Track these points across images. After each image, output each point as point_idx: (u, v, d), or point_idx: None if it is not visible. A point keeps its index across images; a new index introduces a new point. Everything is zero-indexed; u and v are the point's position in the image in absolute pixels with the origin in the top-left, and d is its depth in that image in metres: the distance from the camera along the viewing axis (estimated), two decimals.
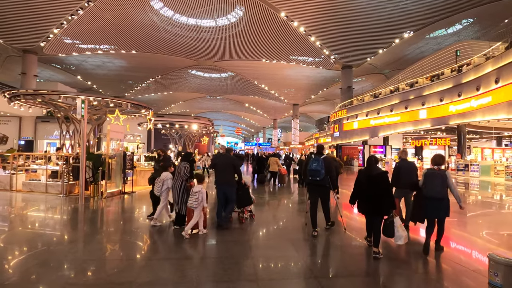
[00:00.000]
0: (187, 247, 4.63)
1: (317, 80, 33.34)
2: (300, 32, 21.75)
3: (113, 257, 4.38)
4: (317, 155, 5.26)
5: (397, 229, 4.24)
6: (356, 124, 22.40)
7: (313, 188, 5.24)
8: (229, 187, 5.59)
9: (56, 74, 32.54)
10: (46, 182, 8.66)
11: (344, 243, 5.02)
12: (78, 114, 4.96)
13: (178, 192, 5.42)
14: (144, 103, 9.07)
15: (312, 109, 50.35)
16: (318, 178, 5.01)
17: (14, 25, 19.96)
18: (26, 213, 6.81)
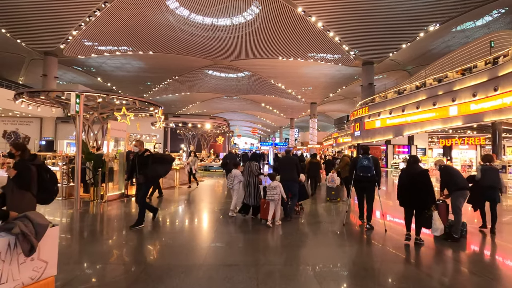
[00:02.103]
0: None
1: (335, 78, 32.30)
2: (318, 28, 20.96)
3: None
4: (365, 154, 5.89)
5: (434, 221, 4.83)
6: (378, 122, 21.27)
7: (362, 185, 5.85)
8: (293, 183, 6.38)
9: (78, 77, 33.40)
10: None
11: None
12: (72, 110, 4.59)
13: (251, 187, 6.36)
14: (153, 101, 8.70)
15: (330, 108, 49.12)
16: (369, 174, 5.66)
17: (35, 28, 20.44)
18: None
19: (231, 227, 5.92)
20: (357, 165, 5.76)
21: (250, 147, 53.10)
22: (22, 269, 2.21)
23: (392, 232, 5.73)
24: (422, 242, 4.82)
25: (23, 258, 2.19)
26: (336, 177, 8.77)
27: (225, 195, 9.73)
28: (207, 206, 8.03)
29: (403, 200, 4.96)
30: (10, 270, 2.12)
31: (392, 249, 4.71)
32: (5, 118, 24.19)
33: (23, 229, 2.13)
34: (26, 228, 2.17)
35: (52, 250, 2.43)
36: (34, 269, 2.29)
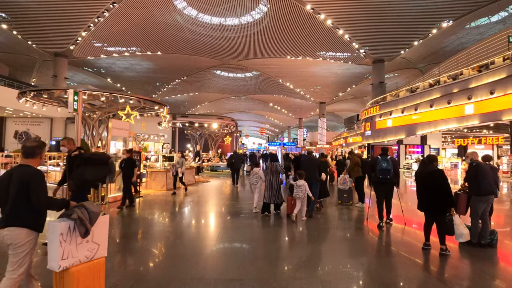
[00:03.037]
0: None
1: (345, 77, 31.73)
2: (327, 26, 20.54)
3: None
4: (384, 156, 5.99)
5: (457, 226, 4.38)
6: (390, 121, 20.71)
7: (381, 186, 6.01)
8: (315, 182, 6.83)
9: (88, 78, 33.77)
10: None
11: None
12: (69, 108, 4.42)
13: (273, 185, 6.74)
14: (158, 100, 8.53)
15: (340, 107, 48.43)
16: (388, 176, 5.82)
17: (45, 29, 20.66)
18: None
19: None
20: (376, 167, 5.90)
21: (258, 147, 52.74)
22: (79, 249, 2.67)
23: (412, 238, 5.45)
24: (448, 253, 4.30)
25: (80, 240, 2.66)
26: (348, 179, 8.30)
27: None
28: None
29: (420, 204, 4.60)
30: (70, 249, 2.59)
31: (410, 257, 4.37)
32: (17, 119, 24.57)
33: (80, 215, 2.61)
34: (82, 214, 2.63)
35: (103, 235, 2.88)
36: (89, 249, 2.75)
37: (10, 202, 2.48)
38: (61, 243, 2.52)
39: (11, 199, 2.49)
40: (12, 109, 20.08)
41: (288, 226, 6.13)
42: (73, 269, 2.59)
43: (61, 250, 2.51)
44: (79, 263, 2.66)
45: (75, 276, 2.59)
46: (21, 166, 2.66)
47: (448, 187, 4.36)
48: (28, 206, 2.48)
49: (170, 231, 5.80)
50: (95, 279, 2.77)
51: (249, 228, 6.00)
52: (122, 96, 7.15)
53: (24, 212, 2.48)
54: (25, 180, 2.49)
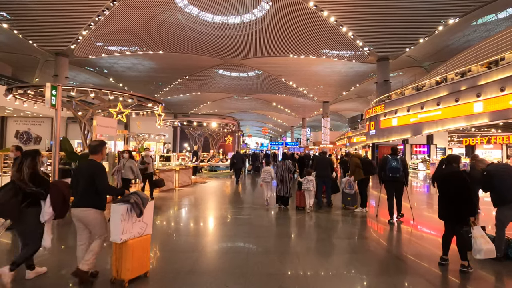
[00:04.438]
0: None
1: (349, 76, 31.27)
2: (331, 23, 20.13)
3: None
4: (393, 155, 6.23)
5: (475, 240, 3.73)
6: (395, 120, 20.20)
7: (392, 184, 6.28)
8: (328, 179, 7.77)
9: (91, 77, 33.68)
10: None
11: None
12: (47, 103, 4.10)
13: (284, 181, 7.50)
14: (151, 97, 8.19)
15: (343, 107, 47.91)
16: (397, 174, 6.08)
17: (46, 28, 20.50)
18: None
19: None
20: (386, 166, 6.17)
21: (261, 147, 52.34)
22: (134, 226, 3.35)
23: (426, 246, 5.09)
24: (470, 270, 3.75)
25: (135, 219, 3.35)
26: (353, 182, 7.77)
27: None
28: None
29: (439, 212, 4.10)
30: (127, 226, 3.27)
31: (423, 274, 3.90)
32: (17, 118, 24.49)
33: (136, 200, 3.28)
34: (137, 199, 3.31)
35: (149, 217, 3.57)
36: (140, 227, 3.44)
37: (81, 188, 3.26)
38: (122, 221, 3.23)
39: (81, 186, 3.26)
40: (12, 109, 19.95)
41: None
42: (130, 241, 3.31)
43: (121, 226, 3.23)
44: (133, 237, 3.36)
45: (130, 248, 3.29)
46: (88, 160, 3.43)
47: (469, 192, 3.84)
48: (94, 191, 3.24)
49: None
50: (144, 251, 3.49)
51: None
52: (113, 93, 6.83)
53: (91, 195, 3.25)
54: (91, 171, 3.25)
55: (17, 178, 3.23)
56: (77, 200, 3.28)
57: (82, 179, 3.26)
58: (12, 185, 3.21)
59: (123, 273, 3.27)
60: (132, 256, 3.28)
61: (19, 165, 3.28)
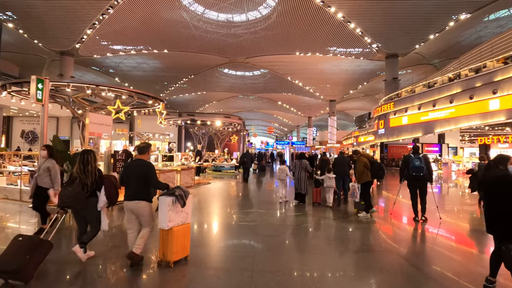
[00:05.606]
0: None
1: (356, 74, 30.67)
2: (338, 19, 19.64)
3: None
4: (416, 154, 6.25)
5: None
6: (405, 119, 19.61)
7: (415, 183, 6.28)
8: (346, 176, 8.32)
9: (97, 77, 33.73)
10: (21, 188, 7.27)
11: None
12: (32, 98, 3.80)
13: (301, 179, 8.05)
14: (152, 94, 7.86)
15: (350, 105, 47.22)
16: (421, 173, 6.11)
17: (51, 28, 20.41)
18: None
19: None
20: (409, 165, 6.17)
21: (267, 146, 51.99)
22: (178, 216, 3.88)
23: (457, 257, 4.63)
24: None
25: (179, 209, 3.88)
26: (358, 190, 7.27)
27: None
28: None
29: (486, 224, 3.36)
30: (172, 215, 3.80)
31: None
32: (23, 118, 24.56)
33: (179, 193, 3.83)
34: (180, 192, 3.85)
35: (189, 208, 4.09)
36: (182, 216, 3.96)
37: (133, 184, 3.74)
38: (168, 211, 3.73)
39: (133, 181, 3.74)
40: (17, 109, 19.94)
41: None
42: (174, 228, 3.82)
43: (168, 215, 3.72)
44: (177, 225, 3.87)
45: (175, 234, 3.80)
46: (137, 159, 3.91)
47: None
48: (145, 186, 3.78)
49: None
50: (185, 238, 4.00)
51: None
52: (111, 89, 6.52)
53: (142, 190, 3.76)
54: (144, 169, 3.76)
55: (82, 173, 3.82)
56: (130, 194, 3.77)
57: (134, 175, 3.75)
58: (78, 180, 3.81)
59: (169, 255, 3.82)
60: (177, 241, 3.82)
61: (85, 163, 3.86)
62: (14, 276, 3.22)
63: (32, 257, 3.27)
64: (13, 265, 3.17)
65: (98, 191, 3.89)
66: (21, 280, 3.23)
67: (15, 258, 3.23)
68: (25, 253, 3.27)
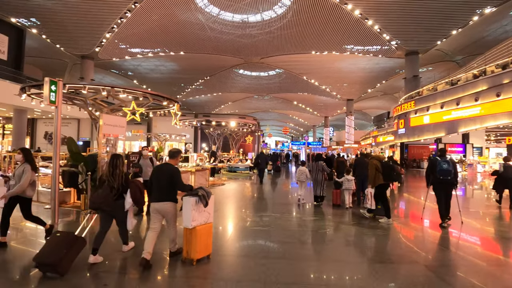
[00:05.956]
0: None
1: (374, 72, 29.90)
2: (355, 16, 19.17)
3: None
4: (443, 157, 6.19)
5: None
6: (427, 118, 18.87)
7: (442, 186, 6.21)
8: (366, 178, 7.76)
9: (116, 80, 34.63)
10: (38, 189, 7.31)
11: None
12: (45, 100, 3.84)
13: (319, 181, 8.10)
14: (166, 95, 7.86)
15: (368, 104, 46.14)
16: (449, 177, 6.02)
17: (72, 32, 21.12)
18: None
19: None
20: (436, 168, 6.07)
21: (282, 146, 51.63)
22: (201, 215, 4.07)
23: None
24: None
25: (202, 209, 4.08)
26: (371, 195, 6.74)
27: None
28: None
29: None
30: (196, 215, 4.00)
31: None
32: (46, 120, 25.55)
33: (202, 193, 4.04)
34: (203, 193, 4.07)
35: (211, 208, 4.27)
36: (205, 216, 4.15)
37: (161, 186, 4.00)
38: (192, 211, 3.93)
39: (161, 184, 4.01)
40: (41, 111, 20.74)
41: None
42: (198, 227, 4.00)
43: (192, 215, 3.93)
44: (200, 224, 4.04)
45: (198, 233, 3.97)
46: (167, 164, 4.22)
47: None
48: (171, 188, 4.05)
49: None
50: (207, 236, 4.17)
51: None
52: (126, 91, 6.58)
53: (169, 192, 4.03)
54: (170, 173, 4.03)
55: (110, 175, 4.07)
56: (157, 196, 4.02)
57: (162, 179, 4.02)
58: (107, 184, 4.03)
59: (192, 253, 3.97)
60: (200, 240, 3.99)
61: (114, 167, 4.10)
62: (52, 269, 3.47)
63: (68, 252, 3.54)
64: (52, 258, 3.43)
65: (125, 193, 4.13)
66: (58, 273, 3.47)
67: (53, 253, 3.50)
68: (62, 248, 3.54)
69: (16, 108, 18.53)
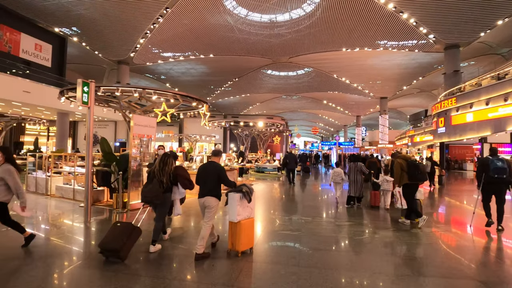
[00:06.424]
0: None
1: (410, 68, 28.32)
2: (389, 10, 18.26)
3: None
4: (495, 155, 5.94)
5: None
6: (470, 116, 17.43)
7: (494, 186, 5.89)
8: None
9: (150, 84, 36.15)
10: (74, 187, 7.72)
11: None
12: (78, 101, 3.94)
13: (358, 182, 8.03)
14: (196, 96, 7.92)
15: (404, 102, 43.88)
16: (504, 175, 5.69)
17: (109, 39, 22.33)
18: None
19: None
20: (490, 167, 5.78)
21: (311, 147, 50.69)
22: (244, 210, 4.40)
23: None
24: None
25: (245, 204, 4.40)
26: (399, 193, 6.63)
27: None
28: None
29: None
30: (240, 210, 4.33)
31: None
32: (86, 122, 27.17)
33: (246, 190, 4.39)
34: (246, 189, 4.41)
35: (253, 203, 4.60)
36: (248, 211, 4.48)
37: (208, 183, 4.31)
38: (237, 206, 4.26)
39: (208, 180, 4.32)
40: (81, 114, 22.13)
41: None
42: (242, 221, 4.32)
43: (237, 209, 4.26)
44: (244, 219, 4.36)
45: (243, 227, 4.30)
46: (212, 161, 4.53)
47: None
48: (217, 185, 4.33)
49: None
50: (250, 230, 4.48)
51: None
52: (156, 92, 6.72)
53: (215, 188, 4.32)
54: (216, 170, 4.36)
55: (160, 170, 4.49)
56: (204, 192, 4.34)
57: (209, 175, 4.35)
58: (156, 179, 4.45)
59: (237, 245, 4.30)
60: (244, 233, 4.30)
61: (164, 164, 4.54)
62: (114, 254, 3.98)
63: (127, 240, 4.03)
64: (115, 245, 3.93)
65: (175, 185, 4.76)
66: (120, 258, 3.97)
67: (116, 240, 3.98)
68: (123, 236, 4.01)
69: (59, 112, 19.93)
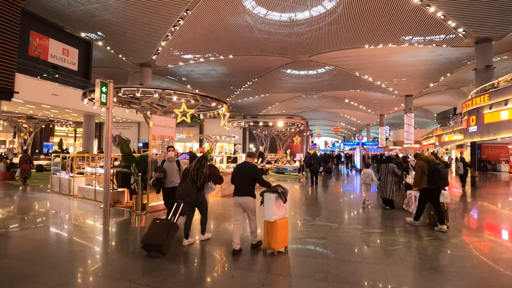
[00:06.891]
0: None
1: (437, 64, 27.01)
2: (415, 3, 17.49)
3: None
4: None
5: None
6: (505, 113, 16.30)
7: None
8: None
9: (172, 85, 36.92)
10: (95, 188, 7.79)
11: None
12: (97, 101, 3.95)
13: (388, 183, 7.85)
14: (215, 96, 7.86)
15: (430, 100, 41.99)
16: None
17: (132, 43, 22.98)
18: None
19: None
20: None
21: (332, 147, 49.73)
22: (280, 210, 4.47)
23: None
24: None
25: (281, 204, 4.48)
26: (414, 198, 6.08)
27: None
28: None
29: None
30: (276, 209, 4.41)
31: None
32: None
33: (281, 190, 4.46)
34: (282, 190, 4.48)
35: (287, 204, 4.65)
36: (283, 211, 4.55)
37: (243, 182, 4.54)
38: (273, 206, 4.35)
39: (243, 181, 4.54)
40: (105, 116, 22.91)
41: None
42: (278, 221, 4.40)
43: (273, 209, 4.34)
44: (279, 218, 4.43)
45: (278, 226, 4.38)
46: (246, 162, 4.73)
47: None
48: (252, 185, 4.56)
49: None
50: (285, 229, 4.54)
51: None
52: (176, 93, 6.73)
53: (250, 187, 4.55)
54: (251, 170, 4.56)
55: (195, 170, 4.71)
56: (239, 190, 4.56)
57: (244, 175, 4.54)
58: (190, 179, 4.68)
59: (273, 244, 4.37)
60: (280, 232, 4.38)
61: (201, 165, 4.78)
62: (156, 249, 4.22)
63: (167, 236, 4.28)
64: (157, 241, 4.17)
65: (208, 183, 5.05)
66: (161, 253, 4.21)
67: (158, 236, 4.23)
68: (164, 232, 4.26)
69: (86, 113, 20.73)
